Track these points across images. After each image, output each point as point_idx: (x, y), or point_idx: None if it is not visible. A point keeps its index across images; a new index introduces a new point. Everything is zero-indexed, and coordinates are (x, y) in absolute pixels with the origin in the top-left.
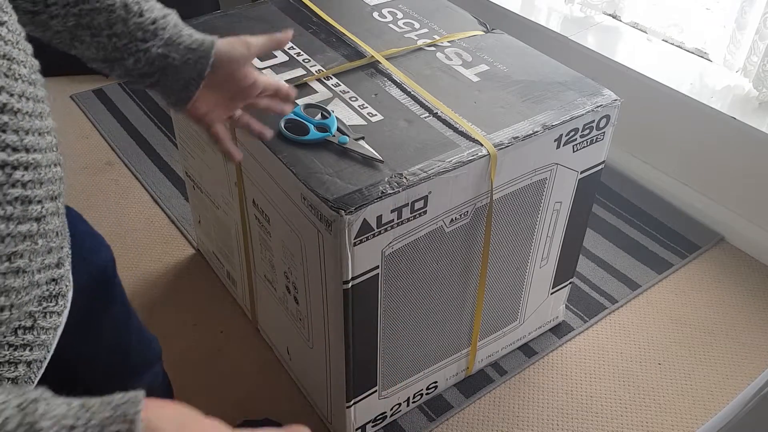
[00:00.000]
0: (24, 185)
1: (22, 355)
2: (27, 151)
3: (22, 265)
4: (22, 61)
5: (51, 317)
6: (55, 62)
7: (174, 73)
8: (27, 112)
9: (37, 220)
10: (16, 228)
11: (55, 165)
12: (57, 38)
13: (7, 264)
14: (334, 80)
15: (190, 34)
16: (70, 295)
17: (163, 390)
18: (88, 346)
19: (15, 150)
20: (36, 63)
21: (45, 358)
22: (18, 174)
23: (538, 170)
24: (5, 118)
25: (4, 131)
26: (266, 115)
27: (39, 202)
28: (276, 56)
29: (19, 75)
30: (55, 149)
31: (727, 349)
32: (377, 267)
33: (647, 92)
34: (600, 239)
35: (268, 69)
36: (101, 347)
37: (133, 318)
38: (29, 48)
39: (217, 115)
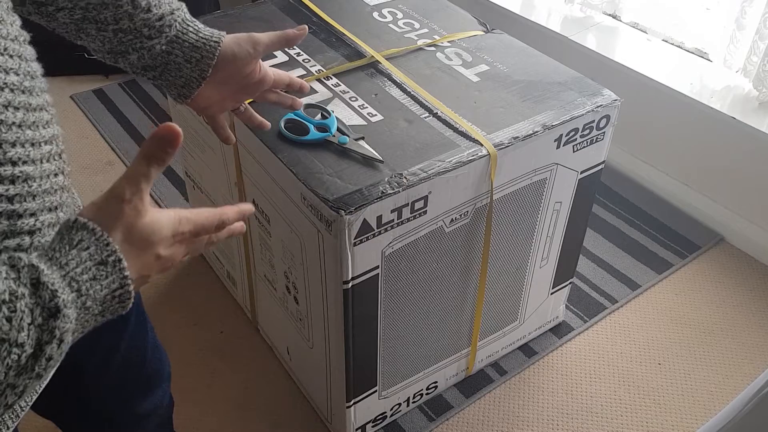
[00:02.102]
0: (10, 199)
1: None
2: (13, 164)
3: None
4: (11, 69)
5: None
6: (55, 62)
7: (176, 69)
8: (13, 123)
9: (30, 233)
10: (1, 243)
11: (56, 175)
12: (63, 29)
13: None
14: (334, 80)
15: (197, 30)
16: None
17: (167, 410)
18: (102, 356)
19: None
20: (34, 68)
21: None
22: (1, 189)
23: (538, 170)
24: None
25: None
26: (268, 115)
27: (32, 215)
28: (276, 56)
29: (5, 84)
30: (56, 158)
31: (727, 349)
32: (377, 267)
33: (647, 92)
34: (600, 239)
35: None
36: (116, 358)
37: (150, 332)
38: (27, 52)
39: (221, 108)
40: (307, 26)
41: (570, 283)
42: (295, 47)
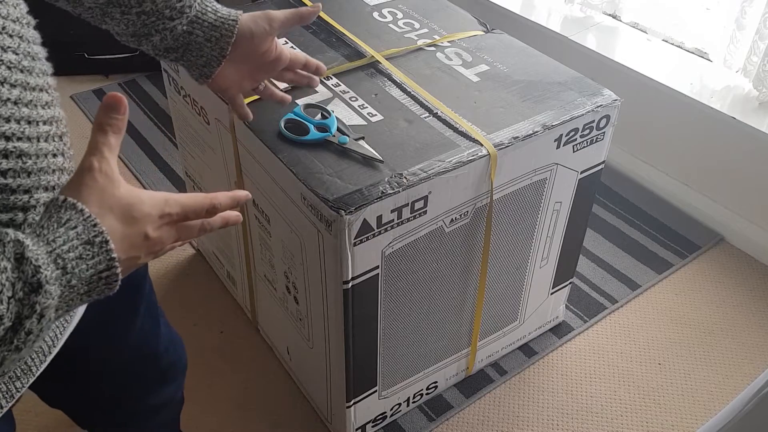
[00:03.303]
0: (2, 173)
1: None
2: (6, 139)
3: None
4: (9, 47)
5: None
6: (55, 62)
7: (197, 49)
8: (8, 99)
9: (24, 209)
10: None
11: (54, 155)
12: (88, 14)
13: None
14: (334, 80)
15: (215, 10)
16: None
17: (177, 406)
18: (108, 346)
19: None
20: (36, 50)
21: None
22: None
23: (538, 170)
24: None
25: None
26: (268, 115)
27: (26, 191)
28: None
29: (1, 61)
30: (55, 139)
31: (727, 349)
32: (377, 267)
33: (647, 92)
34: (600, 239)
35: None
36: (124, 348)
37: (163, 327)
38: (30, 34)
39: (239, 88)
40: (320, 3)
41: (570, 283)
42: (295, 47)
